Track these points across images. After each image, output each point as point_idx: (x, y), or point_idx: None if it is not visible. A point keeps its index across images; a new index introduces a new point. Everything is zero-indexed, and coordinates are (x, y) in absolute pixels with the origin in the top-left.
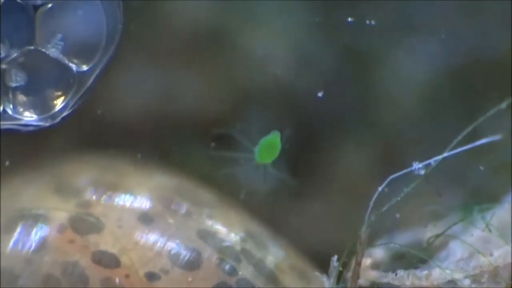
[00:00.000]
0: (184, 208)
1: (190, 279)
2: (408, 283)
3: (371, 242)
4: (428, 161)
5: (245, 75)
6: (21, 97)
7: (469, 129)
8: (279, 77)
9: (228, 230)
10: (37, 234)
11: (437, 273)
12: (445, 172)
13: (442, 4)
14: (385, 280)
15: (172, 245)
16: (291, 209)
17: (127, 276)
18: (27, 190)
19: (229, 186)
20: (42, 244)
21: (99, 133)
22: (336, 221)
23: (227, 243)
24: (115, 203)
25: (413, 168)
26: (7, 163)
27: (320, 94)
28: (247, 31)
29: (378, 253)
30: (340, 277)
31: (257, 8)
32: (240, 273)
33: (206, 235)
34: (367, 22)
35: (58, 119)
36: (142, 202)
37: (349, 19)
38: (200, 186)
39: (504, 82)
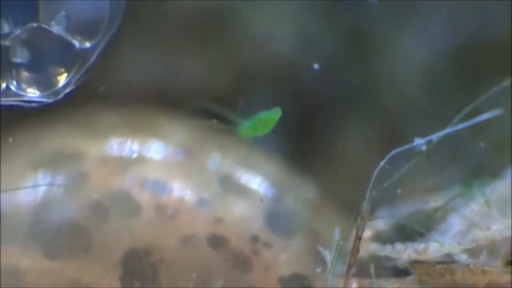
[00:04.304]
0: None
1: (241, 204)
2: (405, 256)
3: (372, 214)
4: (429, 137)
5: (247, 54)
6: (25, 74)
7: (472, 105)
8: (280, 56)
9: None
10: (76, 169)
11: (434, 247)
12: (446, 148)
13: None
14: (383, 253)
15: (219, 173)
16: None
17: (179, 201)
18: (54, 134)
19: None
20: (83, 177)
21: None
22: (337, 196)
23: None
24: (150, 144)
25: (414, 144)
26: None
27: (316, 67)
28: (249, 11)
29: (380, 224)
30: (341, 251)
31: None
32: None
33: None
34: (369, 1)
35: (61, 96)
36: (172, 145)
37: None
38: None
39: (504, 63)
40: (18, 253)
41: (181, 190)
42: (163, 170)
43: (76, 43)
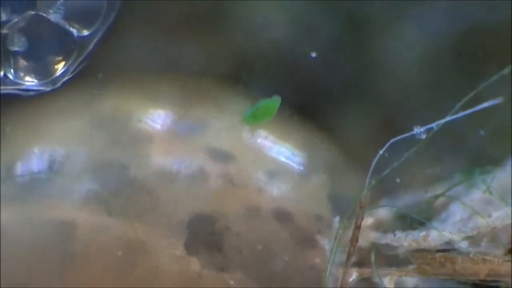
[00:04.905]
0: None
1: (306, 183)
2: (406, 244)
3: (372, 204)
4: (429, 126)
5: (245, 41)
6: (22, 62)
7: (472, 94)
8: (279, 44)
9: None
10: (141, 127)
11: (435, 235)
12: (446, 137)
13: None
14: (384, 241)
15: (283, 150)
16: None
17: (245, 172)
18: (113, 96)
19: None
20: (148, 137)
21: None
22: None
23: None
24: (213, 115)
25: (414, 132)
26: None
27: (314, 55)
28: None
29: (381, 213)
30: (340, 240)
31: None
32: None
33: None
34: None
35: (59, 84)
36: (236, 119)
37: None
38: None
39: (504, 51)
40: (78, 206)
41: (247, 162)
42: (229, 142)
43: (74, 31)
